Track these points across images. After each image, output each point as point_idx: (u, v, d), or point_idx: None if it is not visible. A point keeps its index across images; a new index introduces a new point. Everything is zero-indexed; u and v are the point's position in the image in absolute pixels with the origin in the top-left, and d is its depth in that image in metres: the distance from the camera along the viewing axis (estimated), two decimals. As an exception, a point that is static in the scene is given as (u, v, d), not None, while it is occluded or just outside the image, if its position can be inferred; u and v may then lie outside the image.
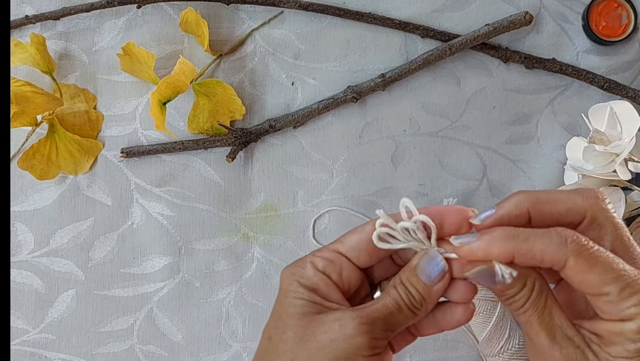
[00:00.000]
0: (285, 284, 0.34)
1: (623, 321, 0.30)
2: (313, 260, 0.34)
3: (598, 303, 0.31)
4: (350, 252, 0.33)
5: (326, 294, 0.33)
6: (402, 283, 0.33)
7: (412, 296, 0.32)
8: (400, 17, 0.56)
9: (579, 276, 0.30)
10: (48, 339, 0.57)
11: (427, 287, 0.32)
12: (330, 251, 0.34)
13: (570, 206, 0.32)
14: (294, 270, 0.34)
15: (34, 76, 0.55)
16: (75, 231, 0.56)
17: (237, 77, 0.56)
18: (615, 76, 0.56)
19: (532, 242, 0.30)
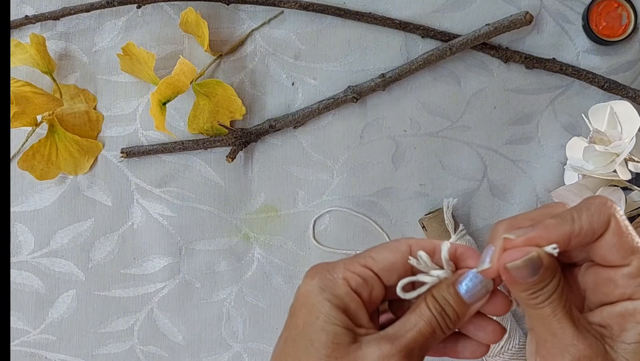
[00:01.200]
0: (314, 301, 0.31)
1: (634, 300, 0.30)
2: (346, 277, 0.31)
3: (615, 275, 0.30)
4: (383, 272, 0.32)
5: (356, 316, 0.31)
6: (437, 301, 0.31)
7: (447, 316, 0.31)
8: (400, 17, 0.56)
9: (614, 239, 0.30)
10: (48, 340, 0.56)
11: (466, 306, 0.31)
12: (362, 267, 0.32)
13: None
14: (323, 284, 0.31)
15: (34, 76, 0.55)
16: (75, 231, 0.56)
17: (237, 78, 0.56)
18: (615, 76, 0.56)
19: (579, 220, 0.30)
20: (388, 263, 0.32)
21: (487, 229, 0.57)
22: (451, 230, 0.54)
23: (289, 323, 0.32)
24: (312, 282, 0.31)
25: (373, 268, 0.32)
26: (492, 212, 0.57)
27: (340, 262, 0.32)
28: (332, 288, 0.31)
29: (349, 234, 0.57)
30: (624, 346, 0.30)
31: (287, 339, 0.32)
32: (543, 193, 0.57)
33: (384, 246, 0.33)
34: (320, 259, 0.57)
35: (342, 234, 0.57)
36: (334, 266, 0.32)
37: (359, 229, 0.57)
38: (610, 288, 0.31)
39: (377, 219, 0.57)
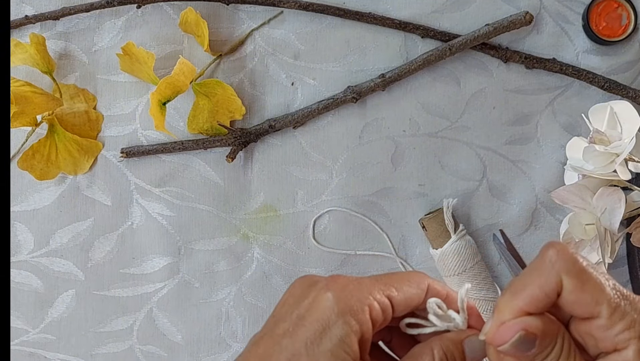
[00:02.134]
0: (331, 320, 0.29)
1: (620, 351, 0.29)
2: (372, 305, 0.30)
3: (592, 329, 0.30)
4: (399, 305, 0.31)
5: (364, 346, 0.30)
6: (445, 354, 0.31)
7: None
8: (400, 17, 0.56)
9: (572, 296, 0.29)
10: (48, 339, 0.56)
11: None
12: (385, 297, 0.31)
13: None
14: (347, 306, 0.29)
15: (33, 76, 0.55)
16: (74, 231, 0.56)
17: (236, 78, 0.56)
18: (615, 76, 0.56)
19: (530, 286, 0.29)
20: (408, 298, 0.31)
21: (487, 229, 0.57)
22: (451, 230, 0.54)
23: (292, 331, 0.30)
24: (333, 298, 0.30)
25: (393, 300, 0.31)
26: (492, 212, 0.57)
27: (364, 284, 0.31)
28: (355, 314, 0.29)
29: (348, 234, 0.57)
30: None
31: (288, 349, 0.29)
32: (542, 193, 0.57)
33: (405, 278, 0.32)
34: (320, 259, 0.57)
35: (341, 234, 0.57)
36: (360, 289, 0.30)
37: (358, 229, 0.57)
38: (594, 341, 0.30)
39: (377, 219, 0.57)
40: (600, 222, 0.48)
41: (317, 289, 0.31)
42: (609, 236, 0.48)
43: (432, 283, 0.33)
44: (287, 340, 0.30)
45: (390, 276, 0.32)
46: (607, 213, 0.48)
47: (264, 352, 0.30)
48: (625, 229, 0.52)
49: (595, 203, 0.49)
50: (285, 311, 0.31)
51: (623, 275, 0.57)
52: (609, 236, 0.48)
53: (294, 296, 0.32)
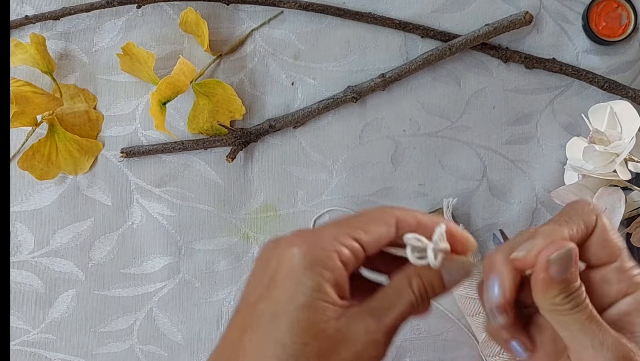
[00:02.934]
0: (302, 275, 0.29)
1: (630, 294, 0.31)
2: (338, 249, 0.30)
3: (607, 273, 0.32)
4: (370, 244, 0.31)
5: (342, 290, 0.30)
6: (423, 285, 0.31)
7: (427, 298, 0.32)
8: (400, 17, 0.56)
9: (603, 236, 0.32)
10: (48, 339, 0.57)
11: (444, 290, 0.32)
12: (353, 240, 0.30)
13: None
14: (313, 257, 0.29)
15: (33, 76, 0.55)
16: (75, 231, 0.56)
17: (237, 77, 0.56)
18: (615, 76, 0.56)
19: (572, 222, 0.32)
20: (377, 237, 0.31)
21: (487, 228, 0.57)
22: (451, 230, 0.54)
23: (266, 294, 0.29)
24: (299, 252, 0.29)
25: (363, 242, 0.31)
26: (492, 212, 0.57)
27: (328, 231, 0.30)
28: (324, 263, 0.29)
29: (348, 234, 0.57)
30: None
31: (265, 313, 0.29)
32: (542, 193, 0.57)
33: (372, 216, 0.32)
34: (320, 259, 0.57)
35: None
36: (323, 237, 0.30)
37: (358, 229, 0.57)
38: (606, 288, 0.32)
39: (377, 219, 0.57)
40: (600, 222, 0.48)
41: (281, 248, 0.30)
42: (608, 235, 0.48)
43: (400, 215, 0.32)
44: (263, 304, 0.29)
45: (356, 217, 0.32)
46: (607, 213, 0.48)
47: (243, 321, 0.30)
48: (625, 229, 0.52)
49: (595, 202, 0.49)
50: (256, 278, 0.31)
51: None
52: (608, 235, 0.48)
53: (261, 261, 0.31)
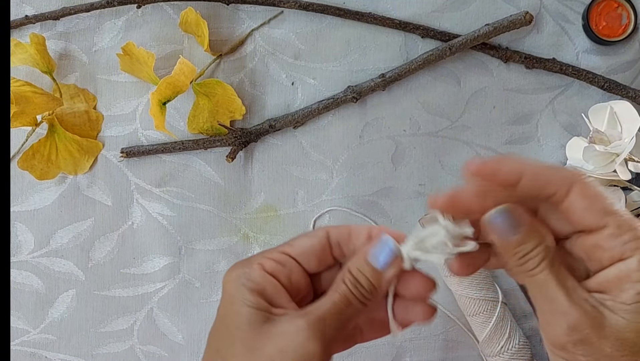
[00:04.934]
0: (230, 288, 0.32)
1: (624, 260, 0.30)
2: (261, 261, 0.32)
3: (599, 239, 0.31)
4: (300, 256, 0.33)
5: (274, 298, 0.32)
6: (350, 273, 0.32)
7: (361, 286, 0.31)
8: (400, 17, 0.56)
9: (583, 203, 0.30)
10: (48, 339, 0.57)
11: (378, 273, 0.31)
12: (279, 253, 0.33)
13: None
14: (239, 272, 0.32)
15: (33, 76, 0.55)
16: (75, 231, 0.56)
17: (237, 77, 0.56)
18: (615, 75, 0.56)
19: (539, 167, 0.31)
20: (305, 247, 0.33)
21: (486, 229, 0.57)
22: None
23: (217, 316, 0.33)
24: (230, 273, 0.33)
25: (290, 253, 0.33)
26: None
27: (258, 253, 0.34)
28: (247, 274, 0.32)
29: (348, 234, 0.57)
30: (624, 307, 0.30)
31: (212, 329, 0.33)
32: (543, 192, 0.57)
33: (303, 234, 0.34)
34: (320, 259, 0.57)
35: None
36: (251, 257, 0.33)
37: (358, 229, 0.57)
38: (599, 253, 0.31)
39: (377, 219, 0.57)
40: (600, 222, 0.48)
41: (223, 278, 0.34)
42: (609, 235, 0.48)
43: (331, 229, 0.34)
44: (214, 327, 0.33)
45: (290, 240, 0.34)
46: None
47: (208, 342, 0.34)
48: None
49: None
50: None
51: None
52: (609, 235, 0.48)
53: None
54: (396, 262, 0.31)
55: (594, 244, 0.31)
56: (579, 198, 0.30)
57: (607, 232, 0.30)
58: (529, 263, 0.31)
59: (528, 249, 0.31)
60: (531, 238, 0.31)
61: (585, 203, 0.30)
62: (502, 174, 0.31)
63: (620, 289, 0.30)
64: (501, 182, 0.31)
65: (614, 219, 0.30)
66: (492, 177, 0.31)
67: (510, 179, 0.31)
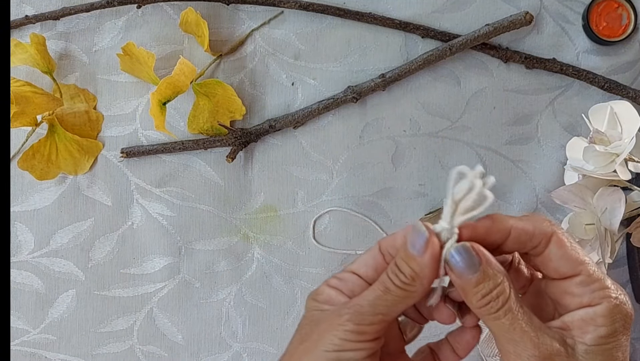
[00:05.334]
0: (306, 306, 0.35)
1: (592, 306, 0.31)
2: (328, 280, 0.35)
3: (570, 286, 0.32)
4: (359, 269, 0.35)
5: (337, 301, 0.34)
6: (393, 264, 0.33)
7: (400, 272, 0.32)
8: (400, 17, 0.56)
9: (561, 251, 0.32)
10: (48, 339, 0.56)
11: (415, 259, 0.31)
12: (343, 271, 0.35)
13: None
14: (312, 292, 0.36)
15: (34, 76, 0.55)
16: (75, 231, 0.56)
17: (237, 78, 0.56)
18: (615, 76, 0.56)
19: (521, 221, 0.33)
20: (362, 261, 0.35)
21: (487, 229, 0.57)
22: (451, 230, 0.54)
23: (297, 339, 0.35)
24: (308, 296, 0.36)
25: (351, 269, 0.35)
26: (492, 212, 0.56)
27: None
28: (315, 291, 0.35)
29: (348, 234, 0.57)
30: (584, 348, 0.31)
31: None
32: (543, 193, 0.57)
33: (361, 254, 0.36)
34: (320, 260, 0.57)
35: (341, 234, 0.57)
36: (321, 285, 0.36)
37: (358, 229, 0.57)
38: (568, 299, 0.32)
39: (377, 219, 0.57)
40: (600, 222, 0.48)
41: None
42: (609, 236, 0.48)
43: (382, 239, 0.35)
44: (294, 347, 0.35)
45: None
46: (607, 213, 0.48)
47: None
48: (625, 229, 0.52)
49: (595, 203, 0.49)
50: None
51: (623, 275, 0.57)
52: (609, 236, 0.48)
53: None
54: (431, 243, 0.31)
55: (565, 291, 0.33)
56: (557, 248, 0.32)
57: (578, 280, 0.32)
58: (491, 305, 0.31)
59: (487, 289, 0.31)
60: (490, 277, 0.31)
61: (562, 252, 0.32)
62: (490, 238, 0.32)
63: (583, 330, 0.31)
64: (490, 245, 0.32)
65: (585, 269, 0.32)
66: (482, 242, 0.32)
67: (498, 241, 0.33)
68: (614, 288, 0.32)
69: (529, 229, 0.32)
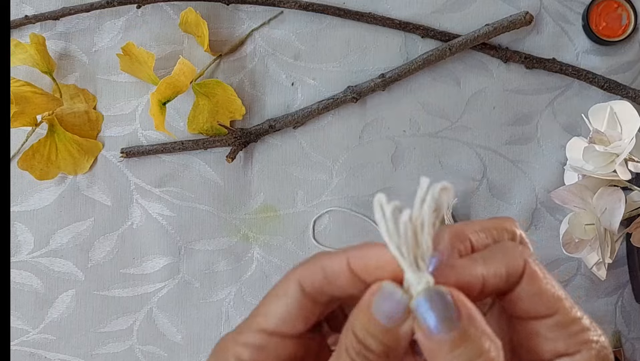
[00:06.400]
0: None
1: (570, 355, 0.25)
2: (236, 353, 0.26)
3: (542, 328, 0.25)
4: (279, 328, 0.25)
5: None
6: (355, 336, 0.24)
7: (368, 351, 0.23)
8: (400, 17, 0.56)
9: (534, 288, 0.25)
10: (48, 339, 0.56)
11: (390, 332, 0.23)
12: (254, 333, 0.26)
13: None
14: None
15: (33, 76, 0.55)
16: (75, 231, 0.56)
17: (237, 78, 0.56)
18: (615, 76, 0.56)
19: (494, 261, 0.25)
20: (280, 314, 0.26)
21: (486, 229, 0.56)
22: (451, 230, 0.54)
23: None
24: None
25: (267, 329, 0.26)
26: (492, 212, 0.57)
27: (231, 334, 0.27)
28: None
29: (348, 234, 0.57)
30: None
31: None
32: (542, 193, 0.57)
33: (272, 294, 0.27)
34: (320, 260, 0.57)
35: (341, 235, 0.57)
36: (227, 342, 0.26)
37: (358, 229, 0.57)
38: (539, 343, 0.25)
39: (377, 219, 0.57)
40: (600, 222, 0.48)
41: None
42: (609, 236, 0.48)
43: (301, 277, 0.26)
44: None
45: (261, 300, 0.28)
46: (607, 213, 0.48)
47: None
48: (625, 230, 0.51)
49: (595, 203, 0.48)
50: None
51: (623, 275, 0.57)
52: (609, 236, 0.48)
53: None
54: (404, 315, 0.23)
55: (535, 333, 0.25)
56: (529, 284, 0.25)
57: (552, 321, 0.25)
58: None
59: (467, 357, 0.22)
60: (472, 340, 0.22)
61: (535, 288, 0.25)
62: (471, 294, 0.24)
63: None
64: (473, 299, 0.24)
65: (562, 307, 0.25)
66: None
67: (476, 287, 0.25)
68: (594, 331, 0.25)
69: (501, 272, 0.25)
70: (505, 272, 0.25)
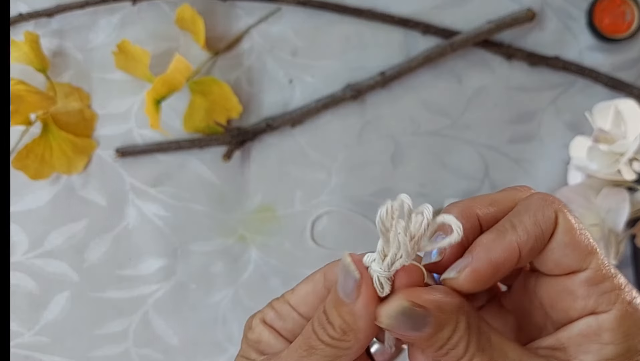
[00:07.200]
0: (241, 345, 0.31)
1: (597, 314, 0.24)
2: (265, 314, 0.30)
3: (572, 284, 0.24)
4: (299, 306, 0.29)
5: (266, 350, 0.29)
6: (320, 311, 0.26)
7: (329, 324, 0.25)
8: (400, 14, 0.55)
9: (567, 238, 0.24)
10: (42, 341, 0.56)
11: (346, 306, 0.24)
12: (282, 302, 0.30)
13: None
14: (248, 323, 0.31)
15: (27, 74, 0.55)
16: (69, 232, 0.56)
17: (233, 75, 0.56)
18: (619, 73, 0.55)
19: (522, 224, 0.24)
20: (302, 295, 0.29)
21: (488, 230, 0.56)
22: (452, 231, 0.53)
23: None
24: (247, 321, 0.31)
25: (291, 303, 0.29)
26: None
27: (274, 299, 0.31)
28: (249, 330, 0.30)
29: (347, 235, 0.56)
30: None
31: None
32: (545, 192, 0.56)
33: (307, 277, 0.30)
34: (319, 260, 0.56)
35: (340, 235, 0.56)
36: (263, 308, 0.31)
37: (357, 229, 0.56)
38: (568, 301, 0.25)
39: (376, 219, 0.56)
40: (604, 222, 0.48)
41: None
42: (613, 236, 0.48)
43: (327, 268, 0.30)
44: None
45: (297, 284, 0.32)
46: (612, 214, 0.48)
47: None
48: (630, 230, 0.51)
49: (599, 203, 0.48)
50: None
51: (628, 277, 0.56)
52: (613, 236, 0.48)
53: None
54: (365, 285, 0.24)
55: (564, 290, 0.25)
56: (563, 234, 0.24)
57: (585, 275, 0.24)
58: (453, 353, 0.24)
59: (444, 338, 0.24)
60: (445, 324, 0.23)
61: (568, 239, 0.24)
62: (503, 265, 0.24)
63: (582, 350, 0.24)
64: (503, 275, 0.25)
65: (595, 261, 0.24)
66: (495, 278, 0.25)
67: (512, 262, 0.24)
68: (628, 290, 0.24)
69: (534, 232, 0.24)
70: (537, 230, 0.24)
